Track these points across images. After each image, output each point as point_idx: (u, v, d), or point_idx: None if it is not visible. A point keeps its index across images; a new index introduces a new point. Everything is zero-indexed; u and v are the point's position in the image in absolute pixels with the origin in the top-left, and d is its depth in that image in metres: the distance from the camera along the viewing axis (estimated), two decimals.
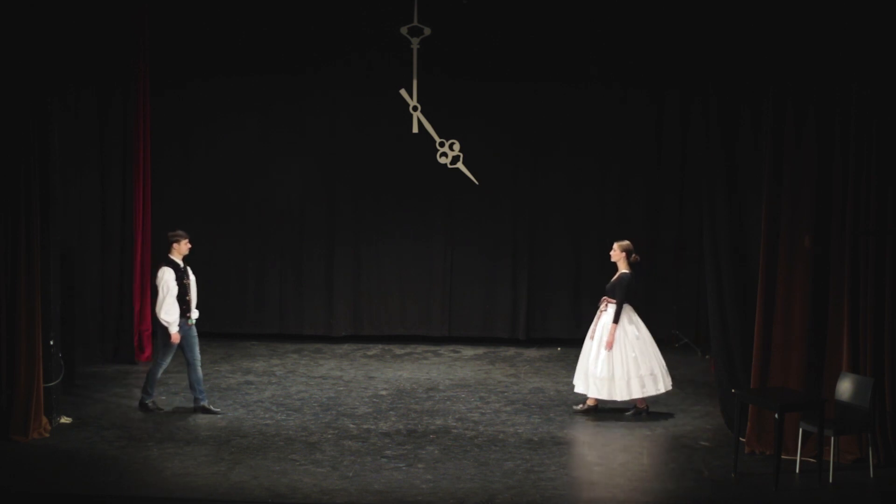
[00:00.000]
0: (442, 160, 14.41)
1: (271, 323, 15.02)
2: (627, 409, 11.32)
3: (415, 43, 13.98)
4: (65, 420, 10.74)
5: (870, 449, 9.45)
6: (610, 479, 9.44)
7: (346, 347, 14.51)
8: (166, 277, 11.04)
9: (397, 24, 13.99)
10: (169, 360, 11.22)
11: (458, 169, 14.46)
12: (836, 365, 9.79)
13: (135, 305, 13.41)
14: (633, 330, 11.19)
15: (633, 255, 11.36)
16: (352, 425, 10.88)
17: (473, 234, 14.78)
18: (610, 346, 11.06)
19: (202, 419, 10.96)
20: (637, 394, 11.14)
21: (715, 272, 10.65)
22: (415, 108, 14.16)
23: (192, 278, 11.26)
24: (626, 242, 11.39)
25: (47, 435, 10.31)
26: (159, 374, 11.30)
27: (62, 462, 9.68)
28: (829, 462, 9.35)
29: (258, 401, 11.70)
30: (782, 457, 9.30)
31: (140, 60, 13.16)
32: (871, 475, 9.42)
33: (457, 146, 14.36)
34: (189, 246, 11.25)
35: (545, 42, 14.35)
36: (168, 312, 10.98)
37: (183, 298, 11.08)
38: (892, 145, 9.57)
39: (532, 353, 14.39)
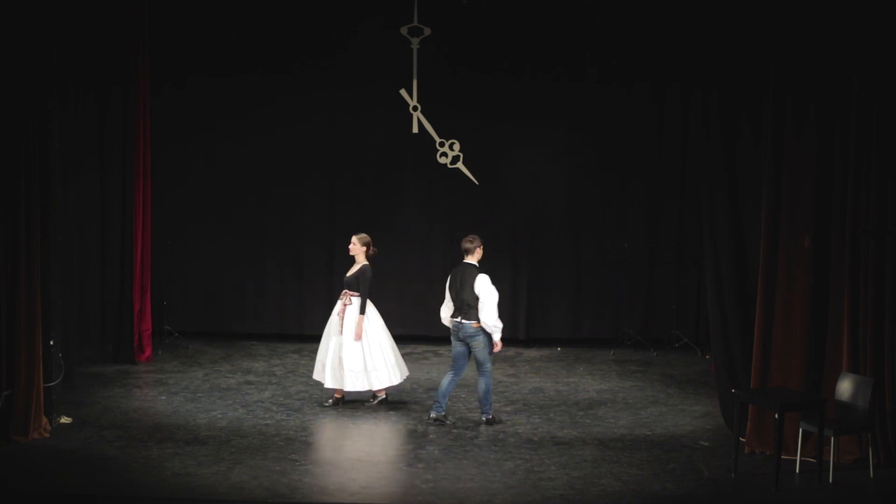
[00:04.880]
0: (442, 160, 14.42)
1: (271, 323, 15.02)
2: (369, 399, 11.60)
3: (415, 43, 14.00)
4: (65, 420, 10.73)
5: (870, 449, 9.44)
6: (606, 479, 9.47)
7: None
8: (489, 283, 10.59)
9: (397, 24, 14.02)
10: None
11: (458, 169, 14.47)
12: (836, 365, 9.78)
13: (135, 305, 13.39)
14: (376, 321, 11.52)
15: (372, 248, 11.61)
16: (352, 425, 10.87)
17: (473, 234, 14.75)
18: (359, 336, 11.31)
19: (202, 419, 10.94)
20: (385, 382, 11.44)
21: (715, 272, 10.65)
22: (415, 108, 14.18)
23: None
24: (364, 235, 11.62)
25: (47, 435, 10.29)
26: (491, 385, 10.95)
27: (62, 462, 9.66)
28: (829, 462, 9.35)
29: (258, 401, 11.69)
30: (782, 457, 9.28)
31: (140, 60, 13.15)
32: (871, 475, 9.41)
33: (457, 146, 14.37)
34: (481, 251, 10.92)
35: (546, 41, 14.34)
36: (497, 319, 10.59)
37: None
38: (893, 145, 9.57)
39: (532, 353, 14.39)
